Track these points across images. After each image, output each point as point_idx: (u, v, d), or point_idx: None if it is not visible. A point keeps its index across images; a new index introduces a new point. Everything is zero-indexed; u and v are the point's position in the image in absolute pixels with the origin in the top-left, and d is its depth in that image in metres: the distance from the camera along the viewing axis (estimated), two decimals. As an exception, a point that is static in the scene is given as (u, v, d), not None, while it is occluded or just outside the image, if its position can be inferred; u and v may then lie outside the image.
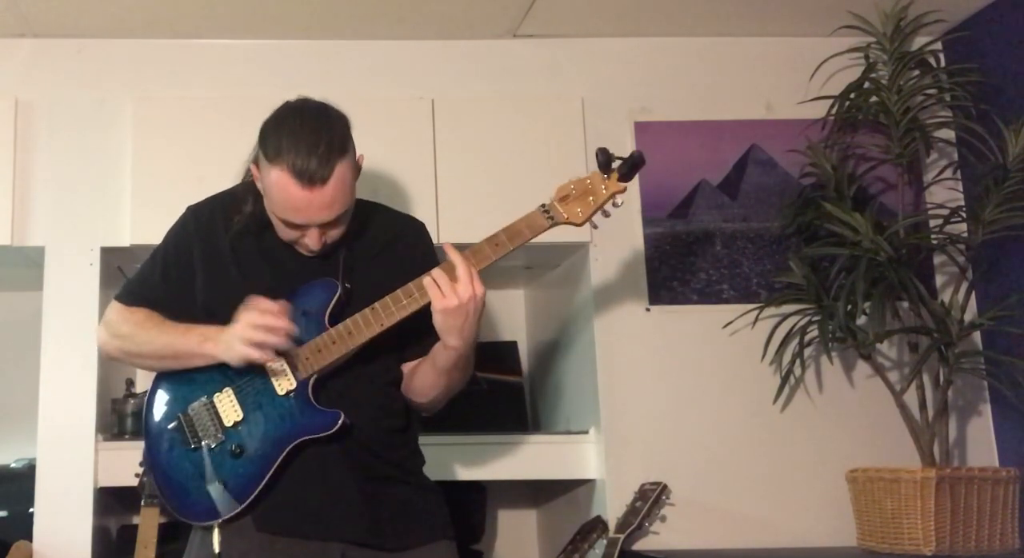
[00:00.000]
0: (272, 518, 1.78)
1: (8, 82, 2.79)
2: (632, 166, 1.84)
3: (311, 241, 1.81)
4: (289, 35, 2.86)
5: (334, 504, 1.80)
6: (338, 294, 1.83)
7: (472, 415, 2.82)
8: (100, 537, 2.65)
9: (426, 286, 1.75)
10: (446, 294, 1.73)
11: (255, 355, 1.74)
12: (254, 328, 1.73)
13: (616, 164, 1.84)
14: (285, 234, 1.83)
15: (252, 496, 1.76)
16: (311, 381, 1.80)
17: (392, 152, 2.70)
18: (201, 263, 1.89)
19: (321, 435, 1.78)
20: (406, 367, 1.94)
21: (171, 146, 2.74)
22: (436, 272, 1.75)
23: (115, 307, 1.94)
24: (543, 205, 1.85)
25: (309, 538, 1.79)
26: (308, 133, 1.74)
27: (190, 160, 2.71)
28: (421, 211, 2.66)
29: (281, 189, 1.74)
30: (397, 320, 1.79)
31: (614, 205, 1.87)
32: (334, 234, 1.83)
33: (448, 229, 2.67)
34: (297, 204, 1.74)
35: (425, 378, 1.88)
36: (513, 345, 3.19)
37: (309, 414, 1.79)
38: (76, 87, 2.81)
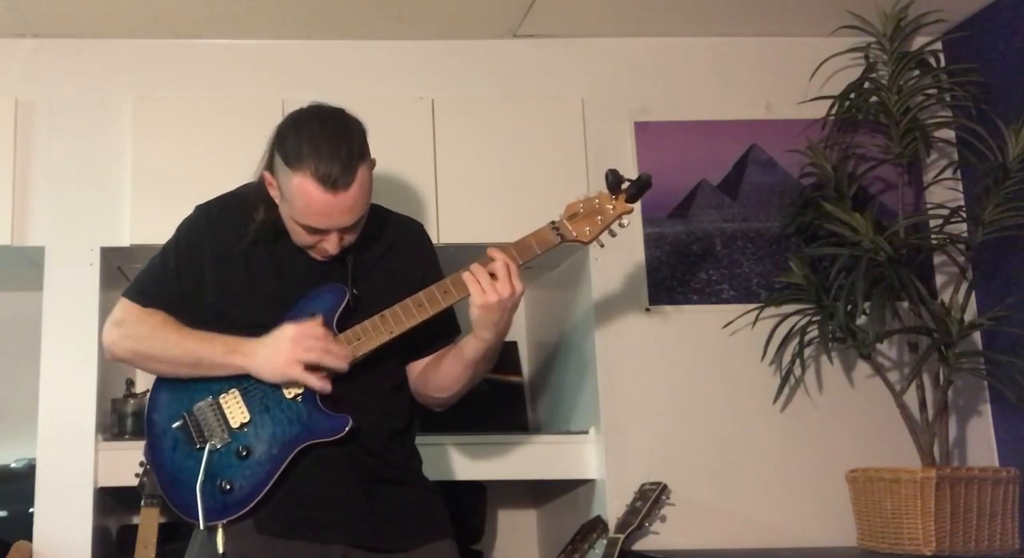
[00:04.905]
0: (273, 520, 1.78)
1: (8, 82, 2.79)
2: (640, 188, 1.89)
3: (330, 246, 1.80)
4: (289, 35, 2.86)
5: (336, 506, 1.80)
6: (347, 299, 1.83)
7: (472, 415, 2.82)
8: (100, 537, 2.65)
9: (466, 281, 1.77)
10: (486, 290, 1.75)
11: (313, 381, 1.74)
12: (313, 350, 1.73)
13: (624, 185, 1.89)
14: (303, 239, 1.83)
15: (258, 498, 1.76)
16: None
17: (392, 152, 2.68)
18: (212, 262, 1.88)
19: (329, 439, 1.78)
20: (415, 366, 1.96)
21: (171, 146, 2.74)
22: (476, 268, 1.77)
23: (128, 306, 1.88)
24: (553, 222, 1.89)
25: (311, 540, 1.79)
26: (329, 138, 1.74)
27: (190, 160, 2.71)
28: (421, 211, 2.66)
29: (304, 194, 1.74)
30: (406, 328, 1.81)
31: (620, 225, 1.91)
32: (350, 238, 1.83)
33: (448, 229, 2.67)
34: (320, 209, 1.74)
35: (450, 372, 1.89)
36: (513, 345, 3.18)
37: (318, 418, 1.79)
38: (76, 87, 2.81)
